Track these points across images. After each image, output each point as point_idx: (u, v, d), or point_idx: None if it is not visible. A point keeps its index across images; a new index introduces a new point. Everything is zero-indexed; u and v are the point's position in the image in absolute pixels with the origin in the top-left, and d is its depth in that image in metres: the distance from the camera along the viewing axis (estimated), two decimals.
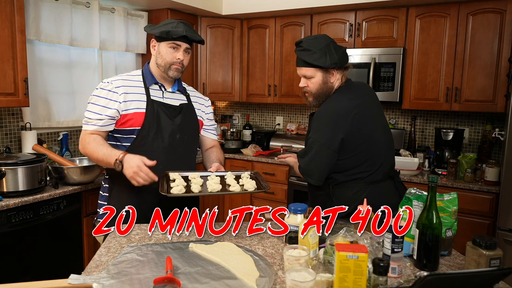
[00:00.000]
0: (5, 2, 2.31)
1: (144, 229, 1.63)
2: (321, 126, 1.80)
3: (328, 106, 1.82)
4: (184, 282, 1.17)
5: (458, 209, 1.43)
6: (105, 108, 1.76)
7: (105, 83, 1.79)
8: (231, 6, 3.71)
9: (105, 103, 1.77)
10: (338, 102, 1.81)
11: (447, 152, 3.14)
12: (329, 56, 1.77)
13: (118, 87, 1.78)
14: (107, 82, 1.80)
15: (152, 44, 1.85)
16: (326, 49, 1.78)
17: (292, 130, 4.05)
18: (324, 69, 1.79)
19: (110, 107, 1.77)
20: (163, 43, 1.81)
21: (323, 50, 1.77)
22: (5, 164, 2.20)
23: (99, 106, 1.77)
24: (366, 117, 1.81)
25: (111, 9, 3.26)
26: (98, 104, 1.77)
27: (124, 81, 1.82)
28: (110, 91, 1.77)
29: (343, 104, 1.79)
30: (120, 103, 1.77)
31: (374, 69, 3.21)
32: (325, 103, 1.84)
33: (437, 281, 0.96)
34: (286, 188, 3.50)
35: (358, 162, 1.80)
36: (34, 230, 2.30)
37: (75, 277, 1.16)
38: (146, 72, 1.87)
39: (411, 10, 3.14)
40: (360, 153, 1.79)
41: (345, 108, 1.78)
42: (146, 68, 1.89)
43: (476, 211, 2.79)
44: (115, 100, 1.77)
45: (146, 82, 1.85)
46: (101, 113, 1.76)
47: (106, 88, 1.78)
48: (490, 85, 2.91)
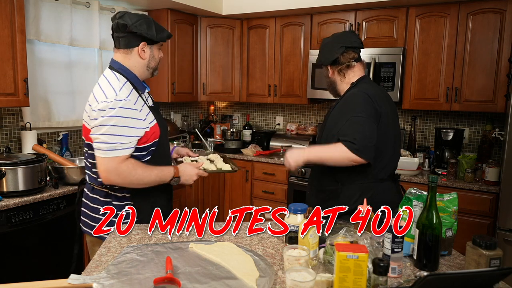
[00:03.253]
0: (5, 2, 2.31)
1: (144, 229, 1.63)
2: (356, 105, 1.81)
3: (354, 91, 1.89)
4: (184, 282, 1.17)
5: (458, 209, 1.43)
6: (134, 129, 1.62)
7: (124, 101, 1.59)
8: (231, 6, 3.71)
9: (133, 123, 1.61)
10: (363, 89, 1.88)
11: (447, 152, 3.14)
12: (320, 53, 2.01)
13: (135, 103, 1.64)
14: (124, 100, 1.60)
15: (142, 49, 1.69)
16: (322, 47, 2.02)
17: (292, 130, 4.05)
18: (324, 66, 2.01)
19: (138, 126, 1.63)
20: (155, 46, 1.73)
21: (321, 48, 2.02)
22: (5, 164, 2.20)
23: (128, 127, 1.60)
24: (386, 111, 1.86)
25: (111, 9, 3.26)
26: (126, 125, 1.59)
27: (132, 94, 1.65)
28: (132, 109, 1.61)
29: (370, 91, 1.86)
30: (144, 120, 1.65)
31: (374, 69, 3.21)
32: (350, 91, 1.92)
33: (437, 281, 0.96)
34: (286, 188, 3.51)
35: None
36: (34, 230, 2.30)
37: (75, 277, 1.16)
38: (131, 77, 1.70)
39: (411, 10, 3.14)
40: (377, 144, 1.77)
41: (372, 94, 1.84)
42: (129, 74, 1.70)
43: (476, 211, 2.79)
44: (139, 118, 1.63)
45: (139, 90, 1.71)
46: (131, 135, 1.61)
47: (126, 106, 1.59)
48: (490, 85, 2.91)
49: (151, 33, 1.67)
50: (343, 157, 1.73)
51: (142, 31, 1.65)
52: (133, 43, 1.68)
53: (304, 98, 3.66)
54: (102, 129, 1.58)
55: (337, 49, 1.93)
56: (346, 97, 1.90)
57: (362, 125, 1.74)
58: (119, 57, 1.72)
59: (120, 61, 1.72)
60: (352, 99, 1.86)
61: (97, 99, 1.61)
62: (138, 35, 1.66)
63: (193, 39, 3.78)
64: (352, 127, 1.75)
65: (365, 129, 1.74)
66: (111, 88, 1.62)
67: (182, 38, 3.64)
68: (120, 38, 1.69)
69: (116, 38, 1.71)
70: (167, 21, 3.49)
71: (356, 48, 1.95)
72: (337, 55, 1.93)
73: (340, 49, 1.92)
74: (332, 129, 1.88)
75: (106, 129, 1.57)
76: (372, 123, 1.76)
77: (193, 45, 3.80)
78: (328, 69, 1.99)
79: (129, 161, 1.61)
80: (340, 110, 1.88)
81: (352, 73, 1.95)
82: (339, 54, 1.92)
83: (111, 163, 1.58)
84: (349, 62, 1.93)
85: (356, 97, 1.84)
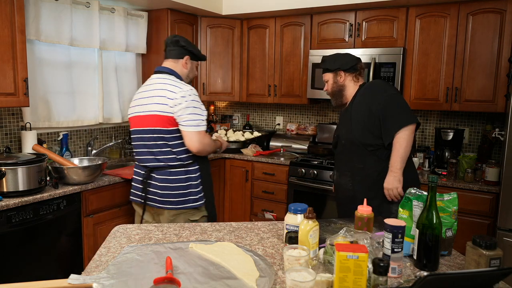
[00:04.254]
0: (5, 2, 2.31)
1: (144, 229, 1.64)
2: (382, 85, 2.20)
3: (371, 81, 2.44)
4: (184, 282, 1.17)
5: (458, 209, 1.43)
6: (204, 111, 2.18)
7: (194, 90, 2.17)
8: (231, 6, 3.72)
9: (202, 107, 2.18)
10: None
11: (447, 152, 3.14)
12: (335, 61, 2.24)
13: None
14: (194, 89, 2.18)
15: (186, 61, 2.26)
16: (335, 57, 2.27)
17: (292, 130, 4.05)
18: (333, 72, 2.24)
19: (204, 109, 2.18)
20: (194, 62, 2.32)
21: (332, 57, 2.27)
22: (5, 164, 2.20)
23: (202, 109, 2.16)
24: None
25: (111, 9, 3.26)
26: (201, 107, 2.15)
27: None
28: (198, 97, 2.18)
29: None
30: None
31: (374, 69, 3.21)
32: (365, 85, 2.24)
33: (437, 281, 0.96)
34: (286, 188, 3.50)
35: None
36: (34, 230, 2.30)
37: (75, 277, 1.16)
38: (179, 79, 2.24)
39: (411, 10, 3.14)
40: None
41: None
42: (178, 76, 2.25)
43: (476, 211, 2.79)
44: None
45: None
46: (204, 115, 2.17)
47: (196, 94, 2.16)
48: (490, 85, 2.91)
49: (195, 51, 2.27)
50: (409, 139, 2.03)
51: (188, 47, 2.24)
52: (180, 55, 2.24)
53: (304, 98, 3.66)
54: (189, 110, 2.09)
55: (353, 59, 2.24)
56: (367, 86, 2.20)
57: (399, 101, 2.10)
58: (169, 64, 2.26)
59: (169, 67, 2.25)
60: (375, 83, 2.29)
61: (173, 90, 2.11)
62: (185, 49, 2.24)
63: (193, 39, 3.78)
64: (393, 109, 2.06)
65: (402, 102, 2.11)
66: (180, 83, 2.16)
67: None
68: (172, 51, 2.25)
69: (169, 51, 2.26)
70: (167, 21, 3.49)
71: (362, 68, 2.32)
72: (355, 62, 2.23)
73: (356, 59, 2.25)
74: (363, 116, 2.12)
75: (191, 110, 2.10)
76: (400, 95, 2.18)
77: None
78: (340, 75, 2.23)
79: (207, 134, 2.20)
80: (366, 97, 2.15)
81: (361, 79, 2.29)
82: (357, 62, 2.24)
83: (200, 135, 2.12)
84: (361, 71, 2.27)
85: (377, 81, 2.34)
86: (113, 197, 2.76)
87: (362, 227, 1.41)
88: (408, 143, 2.02)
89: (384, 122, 2.06)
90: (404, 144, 2.02)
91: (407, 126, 2.02)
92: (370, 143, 2.11)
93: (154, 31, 3.57)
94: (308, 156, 3.58)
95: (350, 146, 2.19)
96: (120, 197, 2.80)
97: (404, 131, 2.02)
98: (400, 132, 2.02)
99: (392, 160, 2.05)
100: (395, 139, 2.03)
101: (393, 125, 2.04)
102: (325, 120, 3.99)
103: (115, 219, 2.77)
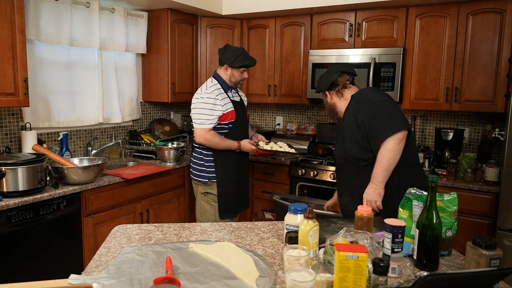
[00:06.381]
0: (5, 2, 2.31)
1: (144, 229, 1.64)
2: (368, 93, 2.07)
3: (359, 90, 2.11)
4: (184, 282, 1.17)
5: (458, 209, 1.43)
6: (214, 111, 2.57)
7: (206, 94, 2.57)
8: (231, 6, 3.71)
9: (213, 107, 2.56)
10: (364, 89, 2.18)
11: (447, 152, 3.14)
12: (319, 83, 2.20)
13: (218, 95, 2.59)
14: (206, 93, 2.58)
15: (225, 68, 2.66)
16: (320, 78, 2.22)
17: (292, 130, 4.05)
18: (322, 93, 2.22)
19: (217, 109, 2.58)
20: (235, 69, 2.65)
21: (319, 78, 2.23)
22: (5, 164, 2.20)
23: (209, 110, 2.56)
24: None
25: (111, 9, 3.26)
26: (208, 108, 2.55)
27: (217, 91, 2.62)
28: (212, 99, 2.56)
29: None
30: (222, 106, 2.59)
31: (374, 69, 3.21)
32: (352, 101, 2.09)
33: (437, 281, 0.96)
34: (286, 188, 3.50)
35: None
36: (34, 230, 2.30)
37: (75, 277, 1.16)
38: (221, 82, 2.68)
39: (411, 10, 3.14)
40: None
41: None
42: (220, 80, 2.69)
43: (476, 211, 2.79)
44: (218, 104, 2.58)
45: (225, 90, 2.68)
46: (212, 114, 2.57)
47: (209, 97, 2.56)
48: (490, 85, 2.91)
49: (228, 60, 2.63)
50: (395, 149, 1.88)
51: (222, 57, 2.66)
52: (221, 63, 2.69)
53: (304, 98, 3.66)
54: (194, 110, 2.60)
55: (333, 74, 2.15)
56: (354, 97, 2.08)
57: (383, 110, 1.95)
58: (218, 70, 2.72)
59: (218, 72, 2.72)
60: (361, 92, 2.08)
61: (196, 92, 2.66)
62: (222, 60, 2.66)
63: (193, 39, 3.78)
64: (378, 119, 1.92)
65: (387, 109, 1.94)
66: (205, 86, 2.64)
67: (182, 38, 3.64)
68: (219, 60, 2.70)
69: (219, 59, 2.70)
70: (167, 21, 3.49)
71: (350, 74, 2.15)
72: (333, 79, 2.13)
73: (336, 74, 2.14)
74: (352, 130, 2.01)
75: (196, 110, 2.59)
76: (387, 101, 1.98)
77: (193, 45, 3.80)
78: (327, 95, 2.18)
79: (211, 132, 2.60)
80: (353, 109, 2.03)
81: (349, 91, 2.14)
82: (336, 77, 2.13)
83: (202, 132, 2.59)
84: (345, 83, 2.13)
85: (363, 90, 2.11)
86: (113, 197, 2.76)
87: (362, 227, 1.42)
88: (392, 154, 1.87)
89: (369, 134, 1.94)
90: (388, 155, 1.87)
91: (392, 135, 1.87)
92: (362, 157, 1.99)
93: (154, 31, 3.58)
94: (308, 156, 3.58)
95: (345, 163, 2.09)
96: (120, 197, 2.81)
97: (389, 142, 1.87)
98: (385, 143, 1.88)
99: (374, 172, 1.91)
100: (380, 150, 1.90)
101: (378, 136, 1.91)
102: (325, 120, 3.99)
103: (115, 219, 2.77)
